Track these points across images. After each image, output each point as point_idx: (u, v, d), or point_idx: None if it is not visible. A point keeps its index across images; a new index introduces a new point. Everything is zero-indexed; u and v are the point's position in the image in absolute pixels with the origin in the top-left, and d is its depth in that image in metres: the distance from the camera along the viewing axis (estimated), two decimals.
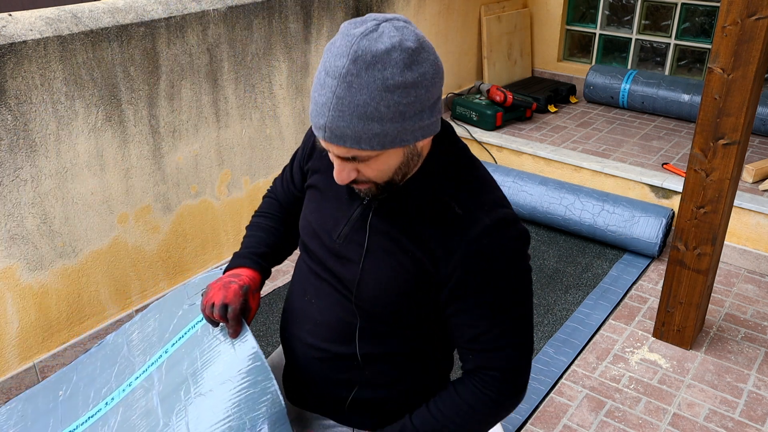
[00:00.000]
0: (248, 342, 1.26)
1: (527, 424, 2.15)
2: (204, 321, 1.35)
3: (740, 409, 2.21)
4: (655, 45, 4.65)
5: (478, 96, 4.16)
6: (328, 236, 1.25)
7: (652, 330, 2.58)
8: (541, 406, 2.22)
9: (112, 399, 1.41)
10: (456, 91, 4.35)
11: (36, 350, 2.32)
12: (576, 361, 2.43)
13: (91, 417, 1.41)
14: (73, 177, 2.25)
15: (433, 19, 3.84)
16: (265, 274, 1.39)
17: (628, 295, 2.82)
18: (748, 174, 3.34)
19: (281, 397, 1.23)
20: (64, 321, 2.38)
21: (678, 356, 2.45)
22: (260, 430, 1.22)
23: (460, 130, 3.91)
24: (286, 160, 3.06)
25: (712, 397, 2.26)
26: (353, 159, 1.06)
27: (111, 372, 1.47)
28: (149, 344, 1.45)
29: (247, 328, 1.28)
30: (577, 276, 2.94)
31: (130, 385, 1.40)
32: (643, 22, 4.65)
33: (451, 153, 1.19)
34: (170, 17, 2.39)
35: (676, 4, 4.46)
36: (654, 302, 2.77)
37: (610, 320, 2.66)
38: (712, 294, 2.81)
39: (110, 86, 2.27)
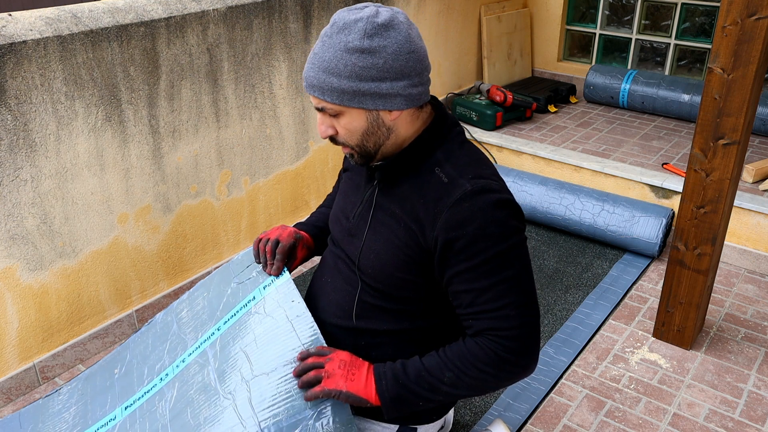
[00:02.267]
0: (308, 324, 1.33)
1: (527, 424, 2.15)
2: (255, 300, 1.41)
3: (740, 409, 2.21)
4: (655, 45, 4.65)
5: (478, 96, 4.16)
6: (346, 219, 1.40)
7: (652, 330, 2.58)
8: (541, 406, 2.22)
9: (167, 375, 1.45)
10: (456, 91, 4.35)
11: (36, 350, 2.32)
12: (576, 361, 2.43)
13: (147, 392, 1.46)
14: (73, 177, 2.25)
15: (433, 18, 3.84)
16: (317, 241, 1.57)
17: (628, 295, 2.82)
18: (748, 174, 3.34)
19: None
20: (64, 321, 2.38)
21: (678, 356, 2.45)
22: (322, 409, 1.26)
23: None
24: (286, 160, 3.07)
25: (712, 397, 2.26)
26: (323, 110, 1.23)
27: (163, 349, 1.52)
28: (200, 322, 1.49)
29: (306, 308, 1.35)
30: (577, 276, 2.94)
31: (183, 362, 1.44)
32: (643, 22, 4.65)
33: (442, 130, 1.30)
34: (170, 17, 2.39)
35: (676, 4, 4.46)
36: (654, 302, 2.77)
37: (610, 320, 2.66)
38: (712, 294, 2.81)
39: (110, 86, 2.27)
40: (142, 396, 1.47)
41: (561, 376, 2.35)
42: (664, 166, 3.51)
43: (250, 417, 1.25)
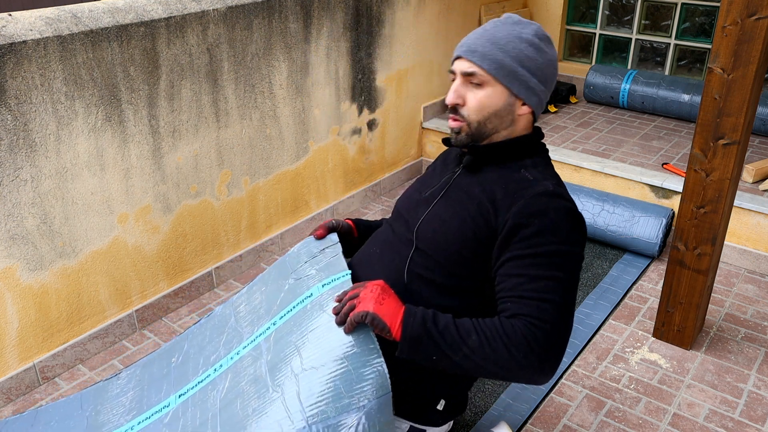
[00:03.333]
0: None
1: (527, 424, 2.15)
2: (313, 296, 1.42)
3: (740, 409, 2.21)
4: (655, 45, 4.65)
5: None
6: (418, 194, 1.48)
7: (652, 330, 2.58)
8: (541, 406, 2.22)
9: (221, 366, 1.47)
10: None
11: (36, 350, 2.32)
12: (576, 361, 2.43)
13: (201, 382, 1.48)
14: (73, 177, 2.25)
15: (434, 19, 3.84)
16: (359, 226, 1.64)
17: (628, 295, 2.82)
18: (748, 174, 3.34)
19: (387, 377, 1.26)
20: (64, 321, 2.38)
21: (678, 356, 2.45)
22: (363, 404, 1.25)
23: None
24: (286, 160, 3.07)
25: (712, 397, 2.26)
26: (472, 74, 1.33)
27: (219, 341, 1.54)
28: (257, 316, 1.51)
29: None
30: None
31: (238, 354, 1.45)
32: (643, 22, 4.65)
33: (536, 143, 1.42)
34: (170, 17, 2.39)
35: (676, 4, 4.46)
36: (654, 302, 2.77)
37: (610, 320, 2.66)
38: (712, 294, 2.81)
39: (110, 86, 2.27)
40: (196, 385, 1.49)
41: (561, 376, 2.35)
42: (664, 166, 3.51)
43: (298, 411, 1.25)
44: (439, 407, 1.47)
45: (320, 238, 1.55)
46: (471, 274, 1.35)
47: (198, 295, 2.84)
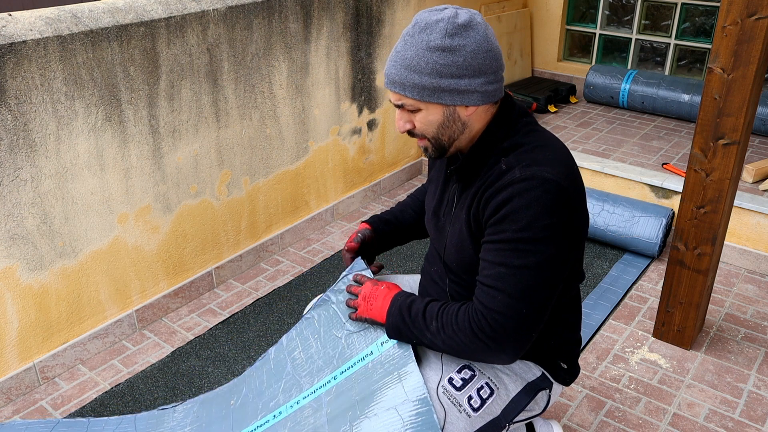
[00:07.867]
0: (418, 382, 1.40)
1: None
2: (373, 355, 1.51)
3: (740, 409, 2.21)
4: (655, 45, 4.65)
5: None
6: (436, 219, 1.53)
7: (652, 330, 2.58)
8: None
9: (280, 413, 1.54)
10: None
11: (36, 350, 2.32)
12: None
13: (260, 426, 1.55)
14: (73, 177, 2.25)
15: None
16: (378, 230, 1.72)
17: (628, 295, 2.82)
18: (748, 174, 3.34)
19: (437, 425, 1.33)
20: (64, 321, 2.38)
21: (678, 356, 2.45)
22: None
23: None
24: (286, 160, 3.07)
25: (712, 397, 2.26)
26: (403, 106, 1.32)
27: (278, 387, 1.61)
28: (316, 367, 1.58)
29: (417, 368, 1.41)
30: None
31: (297, 403, 1.53)
32: (643, 22, 4.65)
33: (509, 120, 1.37)
34: (170, 17, 2.39)
35: (676, 4, 4.46)
36: (654, 302, 2.77)
37: (610, 320, 2.66)
38: (712, 294, 2.81)
39: (110, 86, 2.27)
40: (255, 429, 1.55)
41: None
42: (664, 166, 3.51)
43: None
44: (564, 365, 1.56)
45: (353, 251, 1.66)
46: None
47: (198, 295, 2.84)
